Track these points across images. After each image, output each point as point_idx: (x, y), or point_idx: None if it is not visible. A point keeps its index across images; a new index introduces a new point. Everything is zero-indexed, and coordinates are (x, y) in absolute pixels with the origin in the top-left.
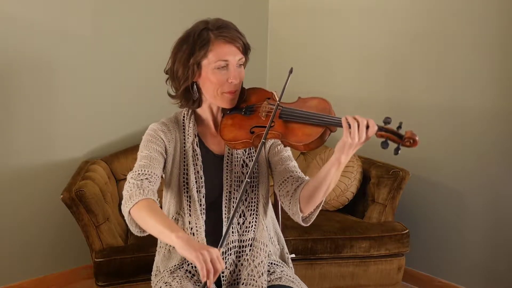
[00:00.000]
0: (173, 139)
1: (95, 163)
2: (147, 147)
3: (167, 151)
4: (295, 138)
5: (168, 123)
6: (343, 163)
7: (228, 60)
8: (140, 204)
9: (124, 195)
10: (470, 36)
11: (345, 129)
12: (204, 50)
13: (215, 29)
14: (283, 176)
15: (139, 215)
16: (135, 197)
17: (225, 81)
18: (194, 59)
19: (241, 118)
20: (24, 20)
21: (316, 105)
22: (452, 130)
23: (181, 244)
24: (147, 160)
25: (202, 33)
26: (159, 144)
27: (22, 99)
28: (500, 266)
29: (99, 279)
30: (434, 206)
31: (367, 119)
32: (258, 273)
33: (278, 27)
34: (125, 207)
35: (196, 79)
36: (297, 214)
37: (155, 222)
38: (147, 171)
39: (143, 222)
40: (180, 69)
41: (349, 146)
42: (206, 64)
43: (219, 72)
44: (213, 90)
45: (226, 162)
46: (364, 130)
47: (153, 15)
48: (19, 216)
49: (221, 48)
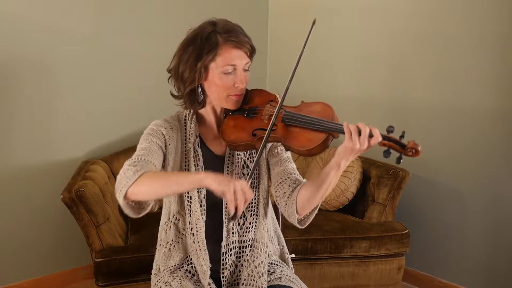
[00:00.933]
0: (175, 137)
1: (95, 163)
2: (147, 140)
3: (167, 147)
4: (297, 143)
5: (171, 121)
6: (342, 167)
7: (236, 64)
8: (142, 177)
9: (118, 178)
10: (470, 36)
11: (347, 134)
12: (213, 54)
13: (224, 33)
14: (281, 178)
15: (146, 183)
16: (133, 175)
17: (232, 85)
18: (202, 62)
19: (244, 120)
20: (24, 20)
21: (319, 110)
22: (452, 130)
23: (211, 180)
24: (145, 150)
25: (210, 36)
26: (159, 138)
27: (22, 99)
28: (500, 266)
29: (99, 279)
30: (434, 206)
31: (371, 128)
32: (258, 273)
33: (278, 27)
34: (122, 187)
35: (202, 82)
36: (293, 215)
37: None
38: (145, 158)
39: (152, 187)
40: (187, 71)
41: (350, 151)
42: (214, 67)
43: (226, 76)
44: (218, 93)
45: (227, 163)
46: (366, 139)
47: (153, 16)
48: (19, 216)
49: (229, 52)
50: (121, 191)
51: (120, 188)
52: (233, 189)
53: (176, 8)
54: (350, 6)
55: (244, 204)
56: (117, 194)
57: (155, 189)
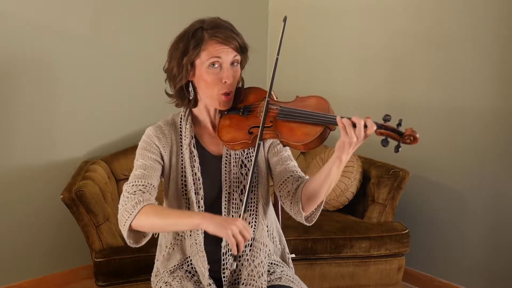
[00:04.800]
0: (168, 143)
1: (95, 163)
2: (142, 156)
3: (163, 158)
4: (294, 138)
5: (164, 126)
6: (344, 161)
7: (220, 57)
8: (141, 212)
9: (120, 210)
10: (470, 36)
11: (341, 129)
12: (198, 49)
13: (210, 29)
14: (283, 176)
15: (145, 220)
16: (133, 209)
17: (219, 81)
18: (187, 58)
19: (239, 118)
20: (24, 19)
21: (314, 103)
22: (452, 130)
23: (207, 224)
24: (142, 169)
25: (196, 32)
26: (154, 152)
27: (22, 99)
28: (500, 266)
29: (99, 279)
30: (434, 206)
31: (365, 119)
32: (258, 273)
33: (278, 27)
34: (125, 221)
35: (191, 78)
36: (299, 213)
37: (168, 218)
38: (142, 182)
39: (152, 225)
40: (175, 68)
41: (349, 145)
42: (199, 63)
43: (212, 71)
44: (208, 90)
45: (225, 163)
46: (362, 130)
47: (153, 15)
48: (19, 216)
49: (213, 47)
50: (124, 225)
51: (123, 222)
52: (231, 233)
53: (176, 9)
54: (350, 6)
55: (244, 242)
56: (121, 228)
57: (153, 226)
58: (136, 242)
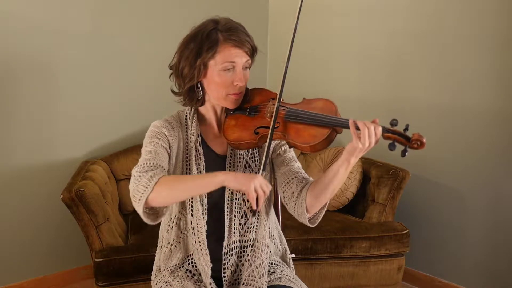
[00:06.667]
0: (176, 137)
1: (95, 163)
2: (151, 142)
3: (171, 148)
4: (301, 139)
5: (171, 121)
6: (352, 163)
7: (235, 62)
8: (159, 183)
9: (133, 187)
10: (470, 36)
11: (353, 134)
12: (212, 51)
13: (225, 31)
14: (288, 178)
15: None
16: (150, 182)
17: (231, 83)
18: (201, 59)
19: (245, 118)
20: (24, 19)
21: (321, 106)
22: (452, 130)
23: (230, 180)
24: (152, 154)
25: (211, 33)
26: (163, 140)
27: (22, 99)
28: (500, 266)
29: (99, 279)
30: (434, 206)
31: (374, 125)
32: (258, 274)
33: (278, 27)
34: (140, 195)
35: (201, 79)
36: (303, 215)
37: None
38: (153, 163)
39: (171, 193)
40: (186, 68)
41: (360, 150)
42: (213, 65)
43: (225, 74)
44: (217, 92)
45: (229, 163)
46: (374, 135)
47: (153, 15)
48: (19, 216)
49: (229, 51)
50: (140, 199)
51: (139, 196)
52: (253, 187)
53: (176, 8)
54: (350, 6)
55: (264, 197)
56: (136, 203)
57: (175, 194)
58: (152, 219)
